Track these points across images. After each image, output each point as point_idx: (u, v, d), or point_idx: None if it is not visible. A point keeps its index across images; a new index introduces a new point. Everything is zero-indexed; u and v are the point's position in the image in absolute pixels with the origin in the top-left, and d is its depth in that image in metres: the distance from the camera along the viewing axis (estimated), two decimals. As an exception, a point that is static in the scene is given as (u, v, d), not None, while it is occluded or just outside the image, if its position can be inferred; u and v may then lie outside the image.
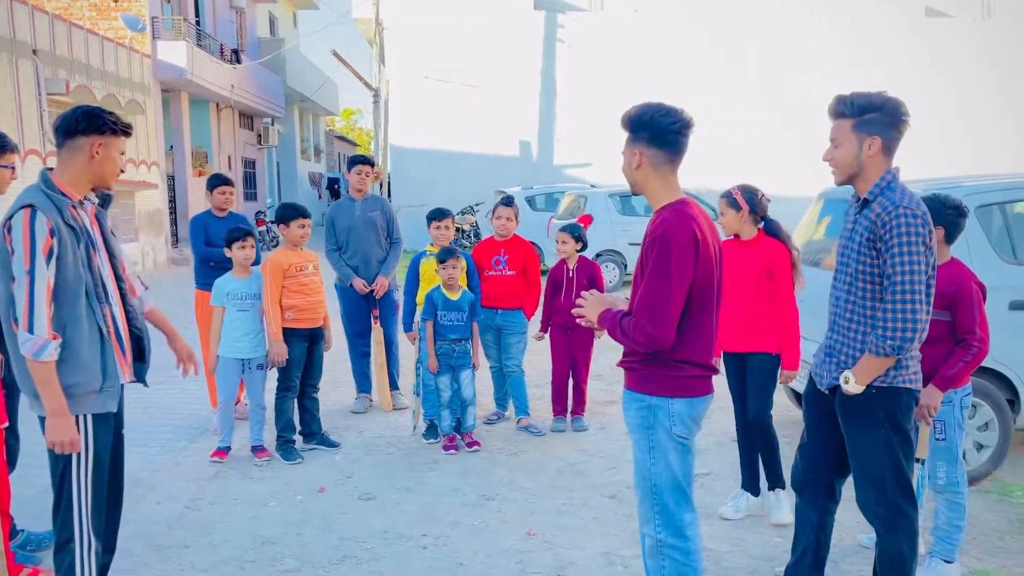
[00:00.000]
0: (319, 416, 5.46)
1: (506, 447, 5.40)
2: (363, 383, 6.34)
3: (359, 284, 6.03)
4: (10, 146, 3.68)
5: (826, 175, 3.01)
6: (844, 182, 2.96)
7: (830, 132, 2.94)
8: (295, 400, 5.32)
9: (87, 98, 13.92)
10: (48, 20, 13.44)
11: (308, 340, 5.29)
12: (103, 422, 2.94)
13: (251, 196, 26.21)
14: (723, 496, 4.45)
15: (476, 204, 18.46)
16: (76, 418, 2.84)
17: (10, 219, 2.77)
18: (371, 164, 6.24)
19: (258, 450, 5.18)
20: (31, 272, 2.72)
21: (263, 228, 20.58)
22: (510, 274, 5.70)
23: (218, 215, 5.96)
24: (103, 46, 15.33)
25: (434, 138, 20.35)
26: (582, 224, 5.92)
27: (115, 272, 3.05)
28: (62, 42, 13.81)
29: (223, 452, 5.15)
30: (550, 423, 5.77)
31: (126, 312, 3.09)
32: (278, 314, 5.12)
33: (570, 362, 5.76)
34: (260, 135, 26.76)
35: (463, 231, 17.31)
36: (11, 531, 3.73)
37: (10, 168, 3.65)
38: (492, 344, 5.79)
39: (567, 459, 5.16)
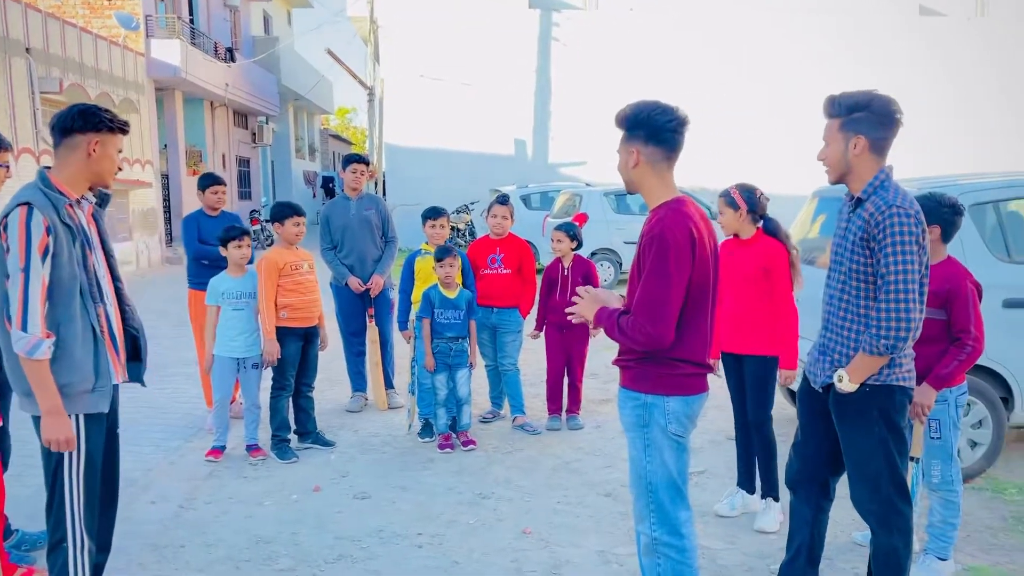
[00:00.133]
0: (314, 415, 5.46)
1: (501, 446, 5.40)
2: (358, 382, 6.34)
3: (354, 283, 6.03)
4: (4, 145, 3.68)
5: (822, 174, 3.02)
6: (836, 181, 2.97)
7: (823, 131, 2.95)
8: (290, 399, 5.31)
9: (81, 97, 13.87)
10: (41, 18, 13.39)
11: (303, 339, 5.28)
12: (95, 422, 2.93)
13: (245, 195, 26.16)
14: (718, 494, 4.46)
15: (471, 203, 18.46)
16: (69, 417, 2.83)
17: (6, 216, 2.76)
18: (366, 163, 6.23)
19: (253, 449, 5.17)
20: (26, 270, 2.71)
21: (257, 227, 20.56)
22: (506, 273, 5.71)
23: (210, 214, 5.95)
24: (96, 44, 15.28)
25: (429, 137, 20.34)
26: (577, 223, 5.93)
27: (111, 271, 3.05)
28: (55, 40, 13.76)
29: (218, 451, 5.14)
30: (545, 421, 5.78)
31: (122, 312, 3.09)
32: (273, 313, 5.12)
33: (565, 360, 5.77)
34: (255, 134, 26.71)
35: (458, 230, 17.31)
36: (6, 531, 3.72)
37: (4, 167, 3.64)
38: (488, 343, 5.80)
39: (562, 457, 5.17)
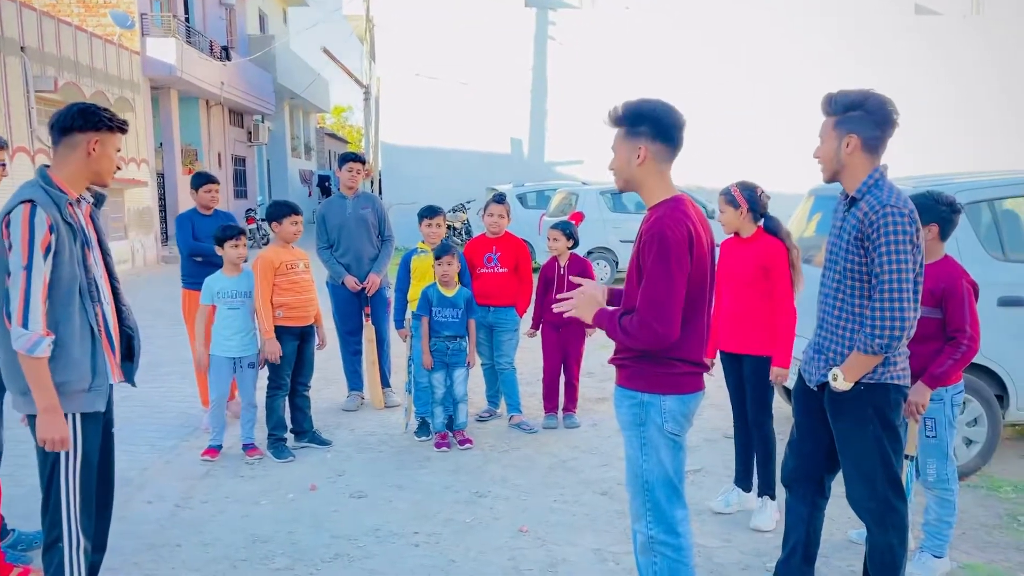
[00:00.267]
0: (310, 414, 5.45)
1: (498, 444, 5.41)
2: (354, 381, 6.33)
3: (350, 282, 6.03)
4: (0, 143, 3.67)
5: (818, 172, 3.02)
6: (830, 179, 2.97)
7: (819, 129, 2.96)
8: (286, 398, 5.31)
9: (76, 95, 13.84)
10: (36, 17, 13.35)
11: (299, 338, 5.28)
12: (91, 421, 2.93)
13: (241, 194, 26.12)
14: (714, 492, 4.47)
15: (467, 201, 18.46)
16: (65, 416, 2.83)
17: (8, 214, 2.74)
18: (362, 161, 6.23)
19: (249, 448, 5.17)
20: (28, 267, 2.70)
21: (253, 226, 20.54)
22: (502, 271, 5.71)
23: (204, 213, 5.93)
24: (91, 43, 15.24)
25: (425, 135, 20.32)
26: (573, 221, 5.93)
27: (108, 270, 3.05)
28: (50, 39, 13.73)
29: (214, 451, 5.14)
30: (542, 420, 5.78)
31: (118, 311, 3.08)
32: (270, 312, 5.11)
33: (562, 359, 5.76)
34: (250, 132, 26.66)
35: (454, 229, 17.31)
36: (1, 530, 3.72)
37: (1, 165, 3.63)
38: (484, 341, 5.80)
39: (559, 456, 5.17)
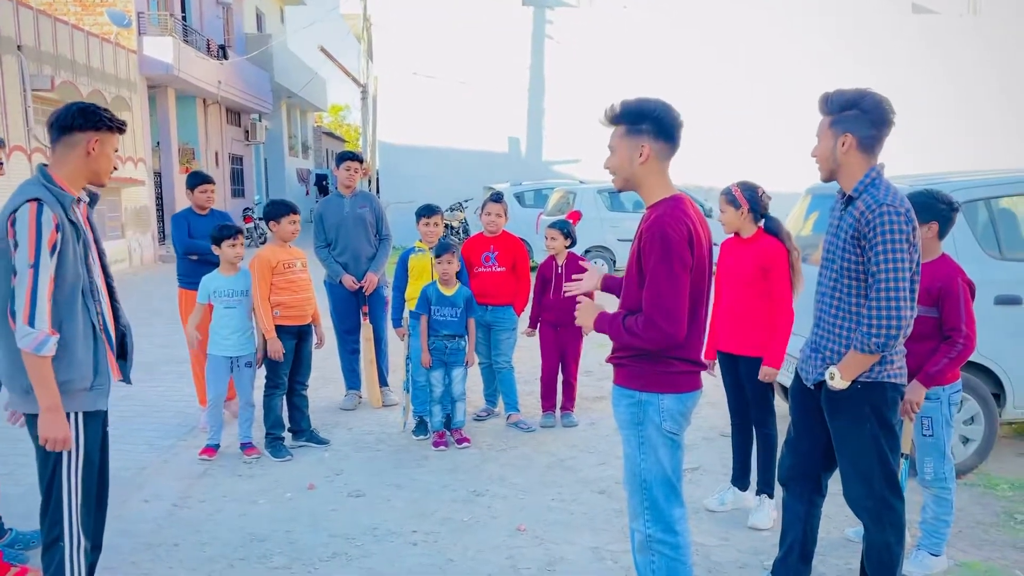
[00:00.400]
0: (308, 413, 5.45)
1: (496, 443, 5.41)
2: (352, 380, 6.33)
3: (348, 281, 6.03)
4: None
5: (817, 171, 3.02)
6: (827, 178, 2.98)
7: (816, 128, 2.96)
8: (284, 397, 5.31)
9: (72, 94, 13.82)
10: (33, 15, 13.33)
11: (296, 337, 5.28)
12: (93, 420, 2.93)
13: (238, 193, 26.10)
14: (712, 491, 4.47)
15: (465, 200, 18.46)
16: (67, 415, 2.82)
17: (14, 212, 2.73)
18: (359, 160, 6.23)
19: (247, 447, 5.17)
20: (35, 266, 2.69)
21: (251, 225, 20.54)
22: (500, 270, 5.71)
23: (199, 213, 5.92)
24: (88, 42, 15.22)
25: (423, 134, 20.32)
26: (571, 220, 5.95)
27: (104, 269, 3.05)
28: (47, 38, 13.70)
29: (212, 450, 5.14)
30: (539, 419, 5.78)
31: (113, 310, 3.08)
32: (269, 311, 5.11)
33: (560, 358, 5.76)
34: (247, 131, 26.62)
35: (452, 227, 17.30)
36: (-1, 530, 3.72)
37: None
38: (482, 340, 5.80)
39: (557, 455, 5.17)
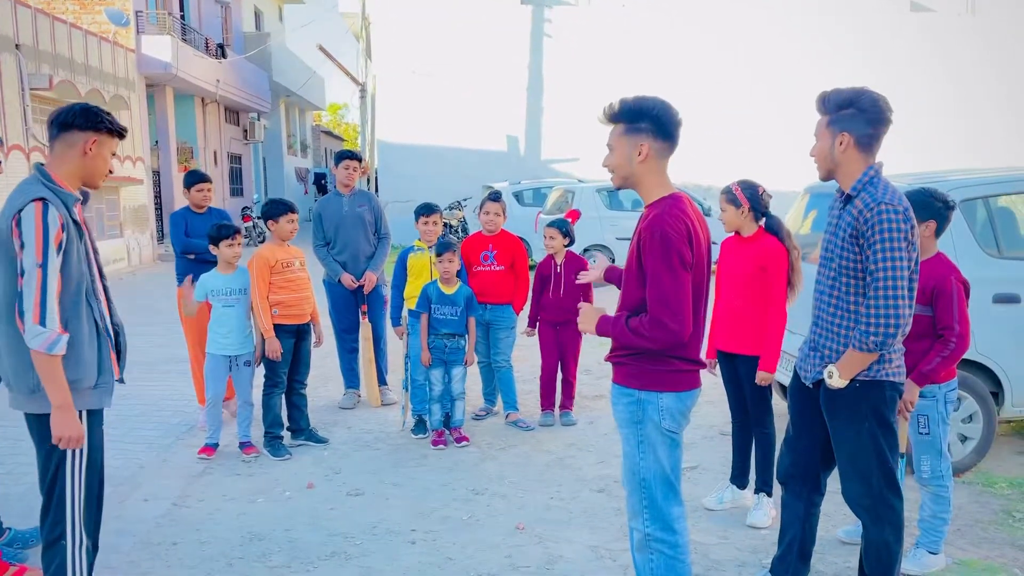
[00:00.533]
0: (307, 412, 5.45)
1: (495, 442, 5.41)
2: (351, 379, 6.34)
3: (347, 280, 6.03)
4: None
5: (815, 170, 3.03)
6: (825, 177, 2.98)
7: (815, 127, 2.97)
8: (283, 396, 5.31)
9: (71, 93, 13.80)
10: (31, 14, 13.31)
11: (295, 336, 5.28)
12: (97, 418, 2.93)
13: (237, 192, 26.08)
14: (711, 489, 4.47)
15: (464, 199, 18.47)
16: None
17: (19, 212, 2.71)
18: (358, 159, 6.22)
19: (246, 446, 5.17)
20: (44, 265, 2.67)
21: (249, 224, 20.53)
22: (498, 269, 5.71)
23: (197, 211, 5.91)
24: (87, 41, 15.19)
25: (421, 133, 20.30)
26: (570, 219, 5.94)
27: (99, 269, 3.05)
28: (45, 37, 13.68)
29: (211, 449, 5.13)
30: (538, 418, 5.79)
31: (108, 308, 3.08)
32: (268, 311, 5.11)
33: (559, 356, 5.76)
34: (246, 130, 26.60)
35: (451, 226, 17.31)
36: (-3, 529, 3.72)
37: None
38: (481, 339, 5.79)
39: (555, 453, 5.18)
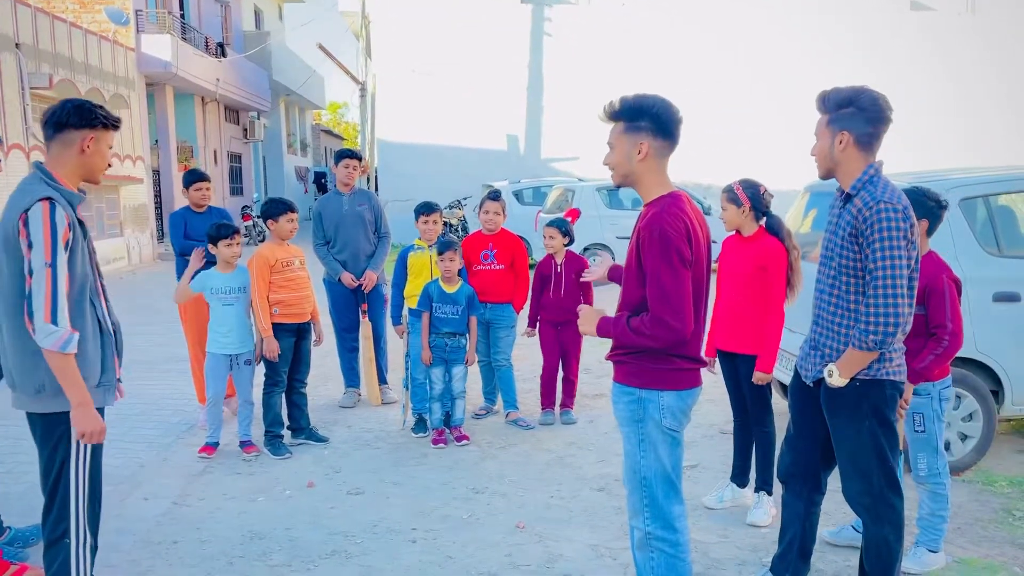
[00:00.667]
0: (307, 411, 5.45)
1: (495, 441, 5.41)
2: (351, 377, 6.34)
3: (347, 279, 6.03)
4: None
5: (815, 169, 3.03)
6: (825, 176, 2.98)
7: (815, 127, 2.97)
8: (283, 395, 5.31)
9: (71, 92, 13.80)
10: (31, 13, 13.31)
11: (295, 335, 5.28)
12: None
13: (237, 191, 26.08)
14: (711, 488, 4.47)
15: (464, 198, 18.47)
16: None
17: (26, 212, 2.70)
18: (358, 158, 6.22)
19: (246, 445, 5.17)
20: (53, 264, 2.67)
21: (249, 223, 20.53)
22: (498, 268, 5.71)
23: (196, 211, 5.90)
24: (86, 40, 15.19)
25: (421, 132, 20.30)
26: (570, 218, 5.94)
27: (96, 268, 3.05)
28: (45, 36, 13.68)
29: (211, 448, 5.13)
30: (539, 416, 5.79)
31: (107, 307, 3.09)
32: (268, 310, 5.11)
33: (560, 355, 5.76)
34: (246, 129, 26.61)
35: (451, 225, 17.31)
36: (-2, 528, 3.72)
37: None
38: (481, 338, 5.79)
39: (556, 452, 5.18)
